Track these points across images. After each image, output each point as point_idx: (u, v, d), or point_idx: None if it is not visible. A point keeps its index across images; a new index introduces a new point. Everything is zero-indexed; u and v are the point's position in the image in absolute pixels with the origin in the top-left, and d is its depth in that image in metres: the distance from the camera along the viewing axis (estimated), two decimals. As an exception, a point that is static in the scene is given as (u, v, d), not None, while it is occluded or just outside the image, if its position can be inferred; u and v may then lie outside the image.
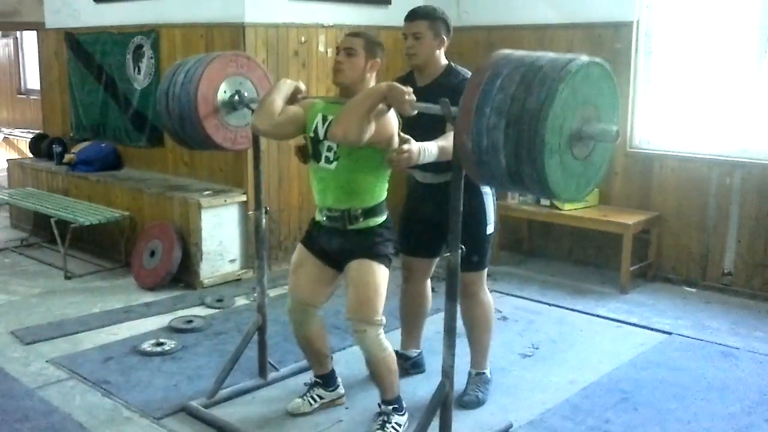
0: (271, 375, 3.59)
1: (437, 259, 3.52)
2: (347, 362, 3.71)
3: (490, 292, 3.50)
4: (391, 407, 3.07)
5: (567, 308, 4.70)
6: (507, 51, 2.26)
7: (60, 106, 6.84)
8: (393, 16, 5.15)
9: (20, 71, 10.16)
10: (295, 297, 3.14)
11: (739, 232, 4.94)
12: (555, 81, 2.04)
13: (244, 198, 5.17)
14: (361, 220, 2.97)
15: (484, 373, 3.48)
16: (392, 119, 2.84)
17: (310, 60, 5.40)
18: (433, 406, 2.78)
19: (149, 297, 4.83)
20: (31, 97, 9.63)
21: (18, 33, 9.78)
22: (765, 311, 4.67)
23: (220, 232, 5.11)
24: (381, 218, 3.01)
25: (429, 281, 3.64)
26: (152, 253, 5.07)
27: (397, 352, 3.69)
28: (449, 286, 2.68)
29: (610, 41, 5.27)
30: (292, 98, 3.06)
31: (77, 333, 4.18)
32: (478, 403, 3.37)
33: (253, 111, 3.16)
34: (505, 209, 5.31)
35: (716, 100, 5.06)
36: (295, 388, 3.53)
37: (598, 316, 4.57)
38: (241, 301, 4.78)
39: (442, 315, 2.77)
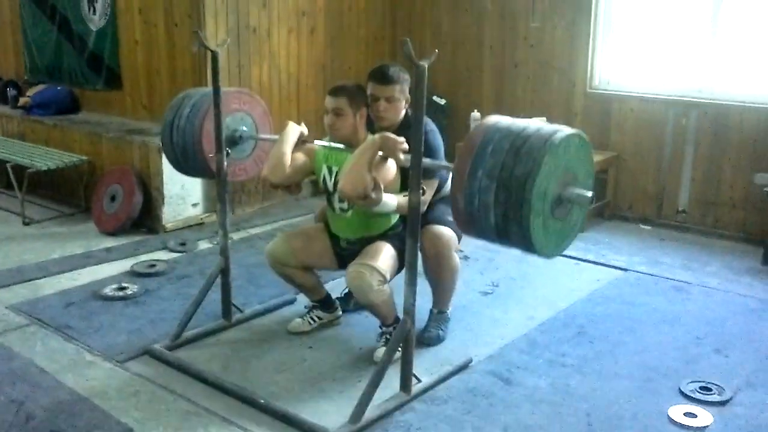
0: (236, 317, 3.62)
1: None
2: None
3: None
4: (391, 328, 3.21)
5: (527, 247, 4.78)
6: (495, 118, 2.42)
7: (12, 48, 6.64)
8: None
9: (-32, 12, 9.79)
10: (286, 251, 3.33)
11: (693, 171, 5.05)
12: (541, 152, 2.23)
13: (204, 141, 5.11)
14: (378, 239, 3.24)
15: (445, 312, 3.55)
16: (391, 166, 2.99)
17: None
18: (395, 343, 2.84)
19: (110, 242, 4.80)
20: (-19, 38, 9.32)
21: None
22: (717, 247, 4.82)
23: (182, 175, 5.03)
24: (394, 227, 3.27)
25: None
26: (113, 198, 5.02)
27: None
28: (411, 223, 2.71)
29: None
30: (297, 142, 3.25)
31: (37, 279, 4.15)
32: (438, 340, 3.44)
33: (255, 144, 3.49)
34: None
35: (674, 41, 5.10)
36: (260, 329, 3.58)
37: (556, 254, 4.66)
38: (204, 245, 4.78)
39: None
